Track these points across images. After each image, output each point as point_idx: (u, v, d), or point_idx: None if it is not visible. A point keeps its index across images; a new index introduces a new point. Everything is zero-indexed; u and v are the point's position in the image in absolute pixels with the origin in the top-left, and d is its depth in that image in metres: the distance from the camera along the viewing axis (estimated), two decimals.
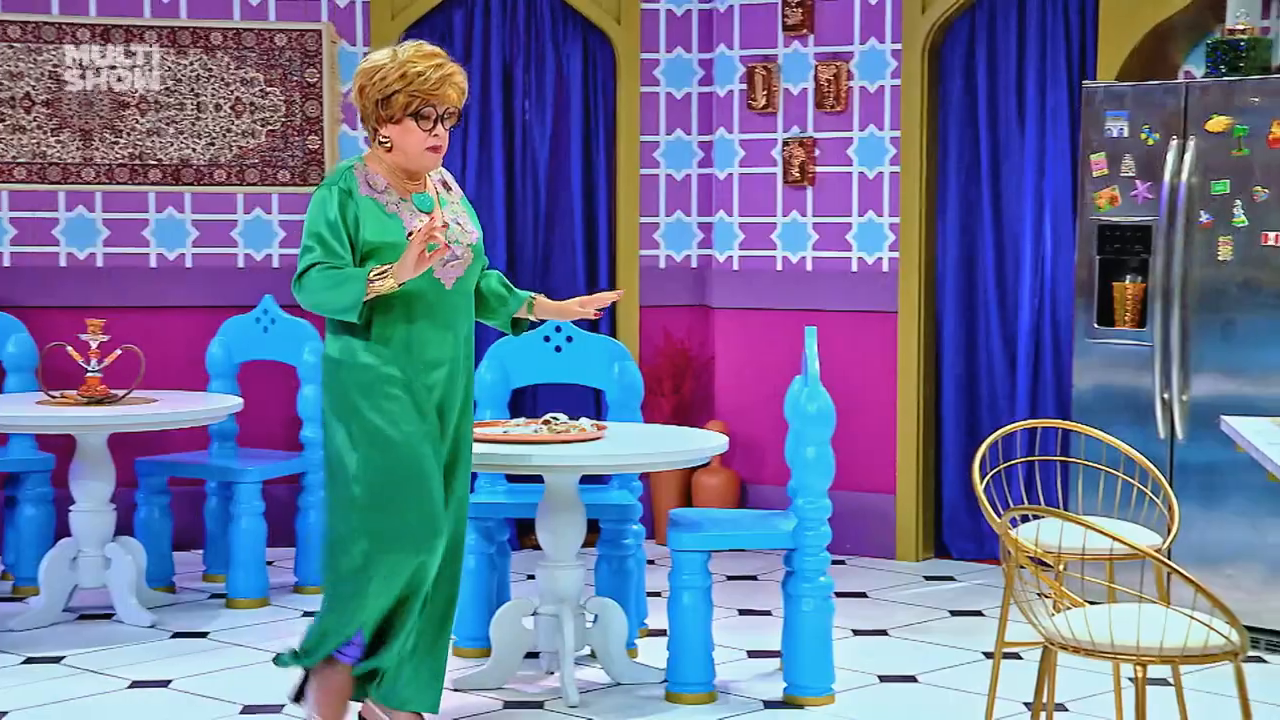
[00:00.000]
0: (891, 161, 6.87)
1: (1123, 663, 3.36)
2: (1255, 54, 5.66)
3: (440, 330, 4.16)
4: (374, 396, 4.09)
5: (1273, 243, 5.47)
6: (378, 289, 4.02)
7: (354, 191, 4.10)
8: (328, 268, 4.05)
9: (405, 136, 4.11)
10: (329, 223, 4.07)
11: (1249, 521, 5.53)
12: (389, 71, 4.09)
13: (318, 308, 4.12)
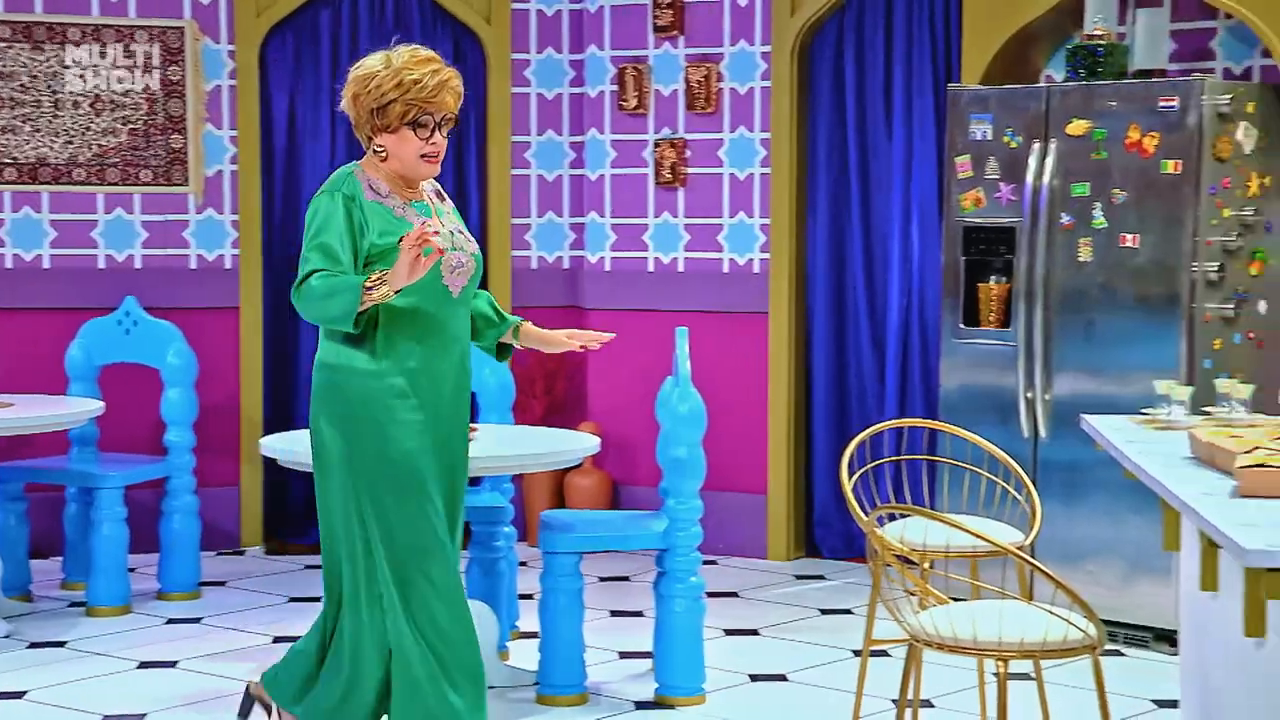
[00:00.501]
0: (762, 163, 6.92)
1: (985, 658, 3.41)
2: (1113, 59, 5.77)
3: (446, 341, 4.00)
4: (373, 408, 3.92)
5: (1131, 244, 5.58)
6: (373, 298, 3.85)
7: (358, 197, 3.96)
8: (327, 275, 3.89)
9: (402, 145, 3.96)
10: (331, 230, 3.91)
11: (1109, 518, 5.64)
12: (384, 79, 3.94)
13: (316, 319, 3.96)
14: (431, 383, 3.97)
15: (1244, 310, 5.63)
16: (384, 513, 3.93)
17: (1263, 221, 5.67)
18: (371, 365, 3.94)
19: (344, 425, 3.95)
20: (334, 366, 3.99)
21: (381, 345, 3.94)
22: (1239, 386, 4.07)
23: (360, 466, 3.93)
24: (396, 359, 3.94)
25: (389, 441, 3.91)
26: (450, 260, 3.98)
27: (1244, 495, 3.14)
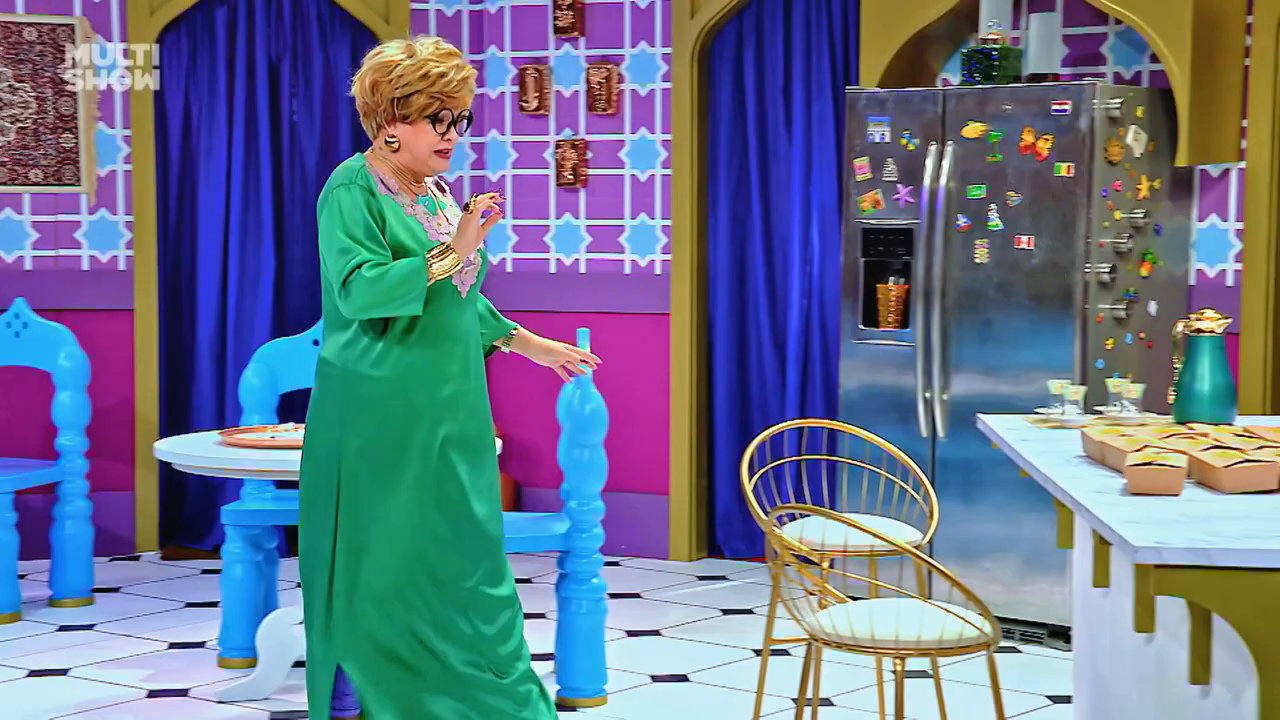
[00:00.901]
0: (663, 164, 6.93)
1: (883, 656, 3.43)
2: (1007, 63, 5.85)
3: (455, 341, 3.89)
4: (379, 410, 3.80)
5: (1026, 246, 5.66)
6: (439, 271, 3.75)
7: (374, 189, 3.85)
8: (375, 264, 3.76)
9: (417, 138, 3.85)
10: (360, 222, 3.79)
11: (1006, 516, 5.71)
12: (408, 70, 3.83)
13: (373, 308, 3.77)
14: (439, 384, 3.85)
15: (1135, 311, 5.72)
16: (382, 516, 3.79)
17: (1152, 224, 5.77)
18: (378, 368, 3.81)
19: (347, 428, 3.81)
20: (339, 368, 3.84)
21: (388, 347, 3.82)
22: (1130, 386, 4.13)
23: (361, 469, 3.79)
24: (403, 361, 3.82)
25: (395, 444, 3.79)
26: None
27: (1134, 493, 3.19)
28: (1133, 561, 2.77)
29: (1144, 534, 2.80)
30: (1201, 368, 3.83)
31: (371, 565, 3.78)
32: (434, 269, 3.73)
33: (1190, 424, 3.78)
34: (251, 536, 5.25)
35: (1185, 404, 3.85)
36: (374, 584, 3.77)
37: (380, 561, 3.78)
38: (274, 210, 7.06)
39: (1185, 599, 2.78)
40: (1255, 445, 3.40)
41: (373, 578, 3.78)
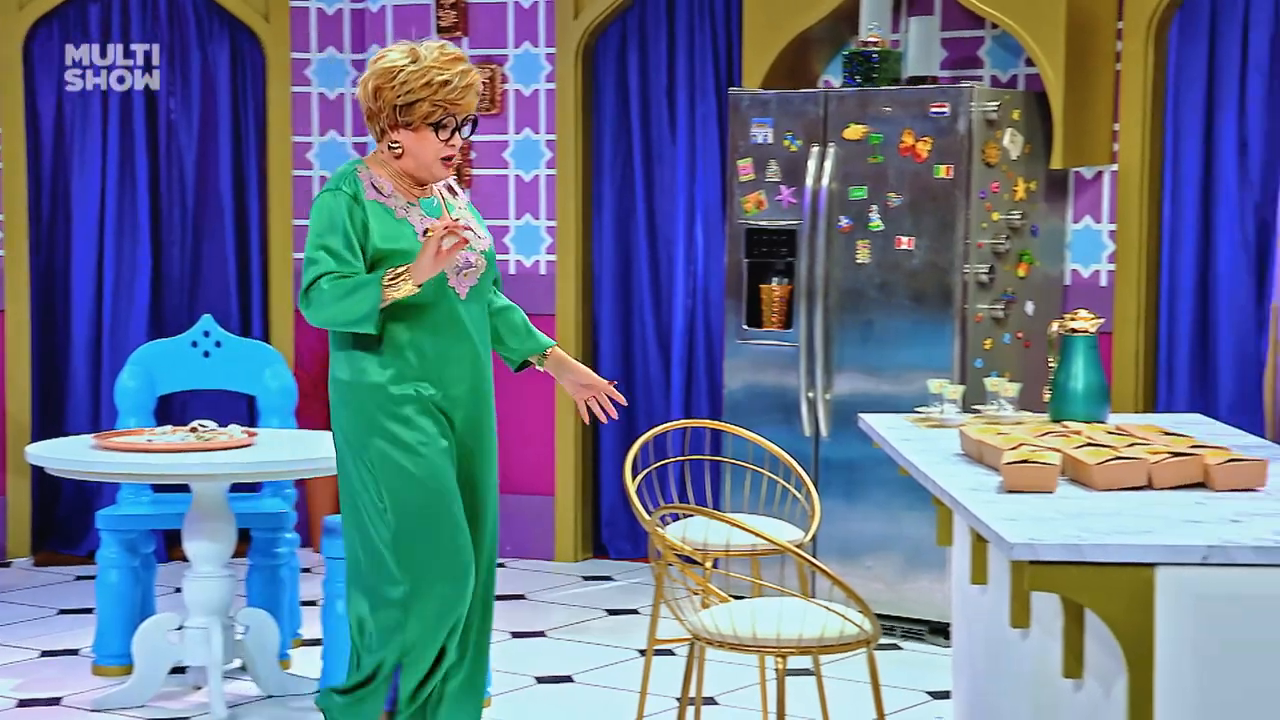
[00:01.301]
0: (548, 165, 6.92)
1: (765, 655, 3.45)
2: (887, 65, 5.91)
3: (457, 343, 3.84)
4: (388, 420, 3.77)
5: (906, 246, 5.72)
6: (394, 294, 3.70)
7: (360, 196, 3.79)
8: (338, 277, 3.72)
9: (420, 145, 3.80)
10: (338, 230, 3.74)
11: (887, 514, 5.77)
12: (412, 77, 3.77)
13: (330, 322, 3.77)
14: (443, 388, 3.82)
15: (1012, 311, 5.81)
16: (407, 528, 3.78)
17: (1029, 225, 5.87)
18: (379, 376, 3.78)
19: (362, 441, 3.79)
20: (344, 381, 3.83)
21: (387, 353, 3.79)
22: (1007, 385, 4.19)
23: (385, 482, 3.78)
24: (404, 366, 3.79)
25: (405, 452, 3.77)
26: (456, 260, 3.83)
27: (1010, 490, 3.23)
28: (1008, 558, 2.81)
29: (1019, 531, 2.84)
30: (1075, 367, 3.90)
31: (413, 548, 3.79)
32: (389, 293, 3.70)
33: (1065, 422, 3.84)
34: (128, 541, 5.17)
35: (1060, 402, 3.91)
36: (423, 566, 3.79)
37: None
38: (151, 210, 6.95)
39: (1059, 594, 2.82)
40: (1126, 443, 3.47)
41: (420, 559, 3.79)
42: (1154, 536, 2.79)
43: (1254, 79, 5.76)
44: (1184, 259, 5.94)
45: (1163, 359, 5.99)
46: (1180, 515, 2.97)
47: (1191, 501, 3.10)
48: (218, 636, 4.75)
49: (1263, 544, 2.72)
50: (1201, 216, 5.91)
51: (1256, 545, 2.71)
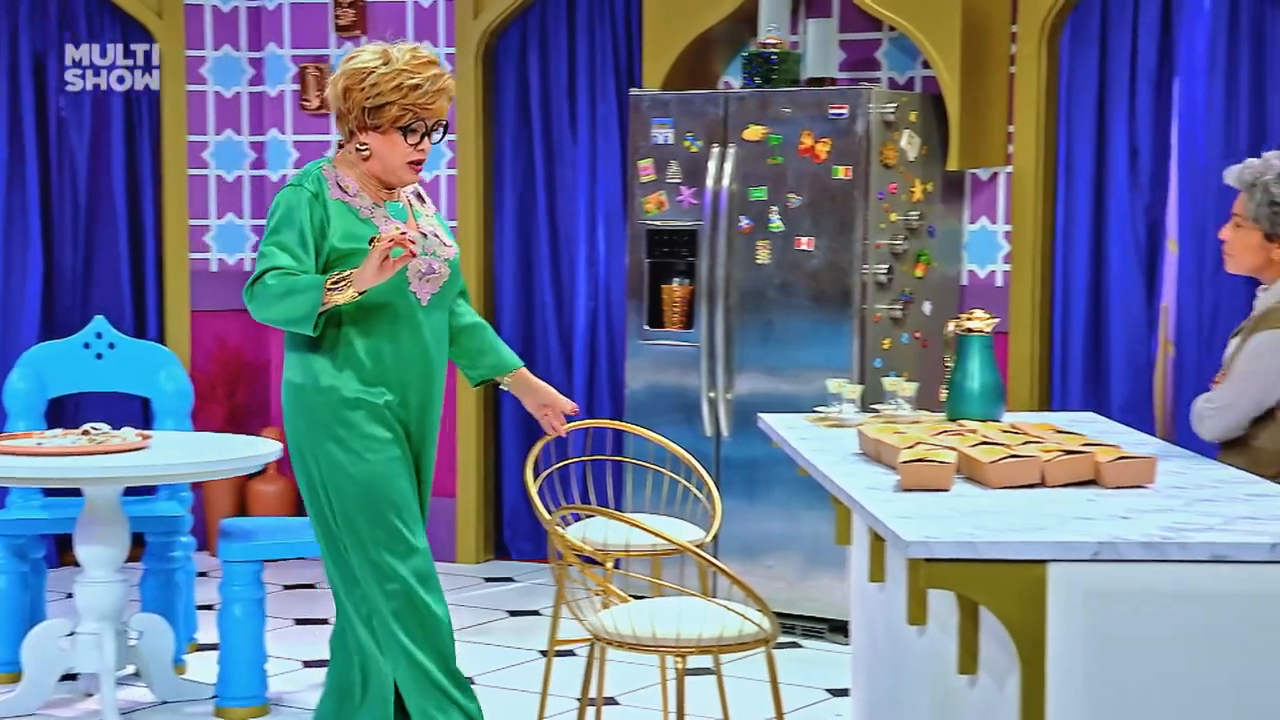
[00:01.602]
0: (448, 165, 6.88)
1: (665, 655, 3.46)
2: (786, 67, 5.95)
3: (415, 350, 3.79)
4: (338, 425, 3.73)
5: (806, 247, 5.76)
6: (335, 299, 3.64)
7: (322, 194, 3.73)
8: (284, 274, 3.66)
9: (389, 148, 3.76)
10: (293, 226, 3.69)
11: (788, 514, 5.80)
12: (382, 80, 3.72)
13: (270, 319, 3.71)
14: (398, 394, 3.78)
15: (910, 311, 5.87)
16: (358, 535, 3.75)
17: (926, 226, 5.93)
18: (333, 380, 3.74)
19: (312, 444, 3.76)
20: (297, 385, 3.79)
21: (344, 357, 3.74)
22: (904, 384, 4.23)
23: (332, 487, 3.75)
24: (359, 371, 3.74)
25: (356, 458, 3.73)
26: (418, 266, 3.78)
27: (906, 489, 3.26)
28: (904, 556, 2.83)
29: (915, 529, 2.87)
30: (971, 366, 3.94)
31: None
32: (330, 297, 3.65)
33: (961, 421, 3.88)
34: (16, 546, 5.08)
35: (956, 401, 3.95)
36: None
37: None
38: (41, 209, 6.83)
39: (954, 592, 2.85)
40: (1020, 441, 3.51)
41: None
42: (1046, 534, 2.82)
43: (1143, 83, 5.86)
44: (1077, 260, 6.03)
45: (1057, 358, 6.08)
46: (1072, 512, 3.01)
47: (1083, 499, 3.15)
48: (110, 642, 4.68)
49: (1151, 540, 2.76)
50: (1094, 218, 6.01)
51: (1145, 541, 2.76)
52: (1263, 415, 3.69)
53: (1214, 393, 3.76)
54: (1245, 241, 3.76)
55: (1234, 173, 3.81)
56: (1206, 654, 2.73)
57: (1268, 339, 3.66)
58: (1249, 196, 3.73)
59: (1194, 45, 5.81)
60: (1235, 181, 3.79)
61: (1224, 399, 3.71)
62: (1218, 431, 3.74)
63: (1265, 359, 3.65)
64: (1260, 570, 2.73)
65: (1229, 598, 2.73)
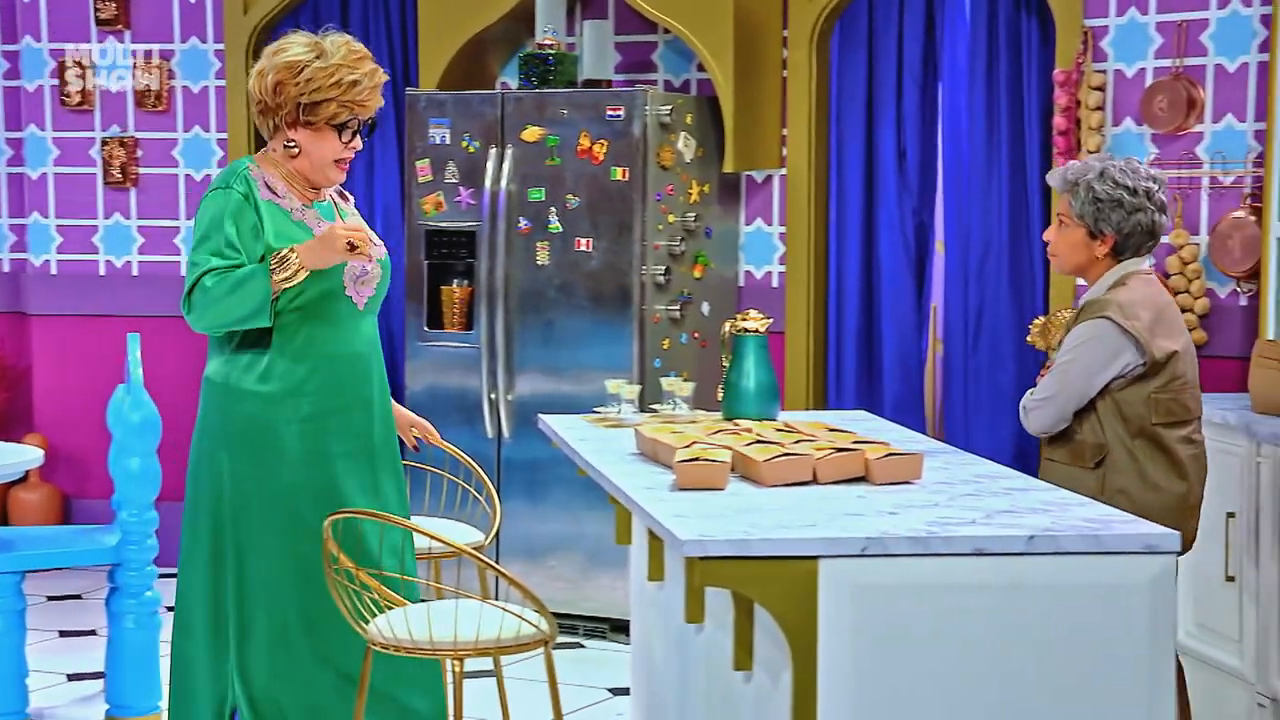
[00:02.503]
0: (219, 164, 6.73)
1: (442, 658, 3.43)
2: (562, 68, 5.95)
3: (350, 356, 3.63)
4: (261, 434, 3.57)
5: (585, 248, 5.77)
6: (283, 281, 3.47)
7: (253, 195, 3.55)
8: (221, 273, 3.47)
9: (319, 145, 3.59)
10: (221, 231, 3.51)
11: (569, 514, 5.81)
12: (318, 75, 3.55)
13: (219, 321, 3.50)
14: (332, 404, 3.63)
15: (689, 311, 5.93)
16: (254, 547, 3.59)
17: (703, 227, 5.99)
18: (262, 386, 3.56)
19: (227, 450, 3.59)
20: (219, 385, 3.61)
21: (274, 363, 3.57)
22: (682, 384, 4.27)
23: (240, 495, 3.58)
24: (290, 379, 3.58)
25: (274, 471, 3.57)
26: (354, 268, 3.63)
27: (682, 488, 3.29)
28: (680, 555, 2.85)
29: (690, 528, 2.89)
30: (747, 365, 3.99)
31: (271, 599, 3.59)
32: (278, 281, 3.50)
33: (737, 420, 3.93)
34: None
35: (732, 401, 4.00)
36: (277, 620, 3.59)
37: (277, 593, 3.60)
38: None
39: (729, 589, 2.89)
40: (794, 439, 3.57)
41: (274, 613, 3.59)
42: (817, 530, 2.88)
43: (909, 88, 6.01)
44: (850, 261, 6.16)
45: (832, 358, 6.20)
46: (842, 509, 3.07)
47: (853, 495, 3.21)
48: None
49: (917, 535, 2.83)
50: (865, 220, 6.14)
51: (911, 536, 2.83)
52: (1084, 407, 3.75)
53: (1038, 387, 3.82)
54: (1069, 240, 3.83)
55: (1057, 175, 3.90)
56: (969, 643, 2.81)
57: (1086, 329, 3.74)
58: (1073, 196, 3.82)
59: (956, 51, 5.99)
60: (1058, 183, 3.88)
61: (1047, 391, 3.77)
62: (1045, 423, 3.78)
63: (1083, 348, 3.72)
64: (1018, 562, 2.82)
65: (990, 589, 2.82)
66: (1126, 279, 3.79)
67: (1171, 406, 3.73)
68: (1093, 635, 2.82)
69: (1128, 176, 3.80)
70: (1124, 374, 3.72)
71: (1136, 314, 3.71)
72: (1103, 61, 5.54)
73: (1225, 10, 5.33)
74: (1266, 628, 4.48)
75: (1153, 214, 3.80)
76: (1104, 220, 3.79)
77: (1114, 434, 3.71)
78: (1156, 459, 3.71)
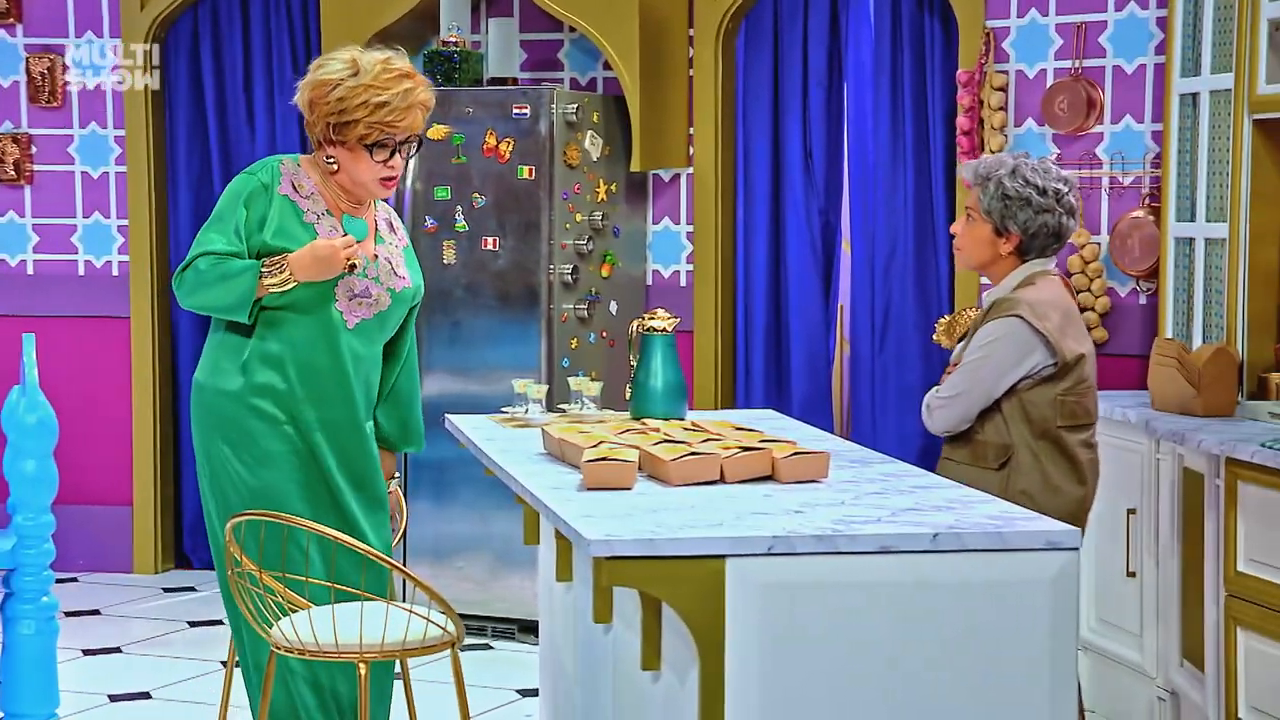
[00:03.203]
0: (117, 161, 6.62)
1: (347, 661, 3.39)
2: (468, 66, 5.92)
3: (332, 370, 3.61)
4: (232, 429, 3.57)
5: (492, 247, 5.75)
6: (271, 285, 3.47)
7: (272, 187, 3.54)
8: (217, 260, 3.47)
9: (355, 164, 3.57)
10: (233, 214, 3.53)
11: (477, 515, 5.78)
12: (349, 94, 3.51)
13: (200, 305, 3.53)
14: (308, 413, 3.60)
15: (597, 310, 5.92)
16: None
17: (610, 226, 5.98)
18: (237, 384, 3.58)
19: (207, 447, 3.62)
20: (200, 384, 3.64)
21: (253, 363, 3.57)
22: (590, 384, 4.26)
23: (218, 494, 3.61)
24: (268, 380, 3.58)
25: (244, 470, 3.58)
26: (352, 285, 3.59)
27: (590, 488, 3.28)
28: (587, 555, 2.84)
29: (597, 528, 2.88)
30: (654, 365, 3.99)
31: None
32: (265, 282, 3.50)
33: (644, 419, 3.93)
34: None
35: (640, 400, 4.00)
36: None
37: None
38: None
39: (636, 589, 2.88)
40: (701, 439, 3.57)
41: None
42: (723, 529, 2.88)
43: (815, 88, 6.05)
44: (757, 260, 6.18)
45: (740, 357, 6.22)
46: (749, 508, 3.08)
47: (760, 494, 3.22)
48: None
49: (823, 533, 2.84)
50: (773, 220, 6.16)
51: (817, 534, 2.83)
52: (988, 408, 3.71)
53: (943, 384, 3.78)
54: (975, 235, 3.79)
55: (969, 168, 3.85)
56: (875, 640, 2.82)
57: (995, 327, 3.71)
58: (982, 190, 3.77)
59: (860, 51, 6.03)
60: (969, 176, 3.84)
61: (954, 389, 3.72)
62: (949, 422, 3.74)
63: (992, 346, 3.69)
64: (923, 559, 2.84)
65: (895, 586, 2.83)
66: (1034, 278, 3.77)
67: (1075, 409, 3.72)
68: (996, 631, 2.84)
69: (1039, 176, 3.76)
70: (1033, 374, 3.70)
71: (1047, 314, 3.69)
72: (1004, 62, 5.59)
73: (1122, 12, 5.41)
74: (1166, 622, 4.55)
75: (1060, 216, 3.76)
76: (1010, 218, 3.75)
77: (1019, 435, 3.69)
78: (1058, 462, 3.71)
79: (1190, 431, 4.29)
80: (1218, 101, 4.80)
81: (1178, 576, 4.48)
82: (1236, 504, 4.09)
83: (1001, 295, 3.79)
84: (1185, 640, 4.46)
